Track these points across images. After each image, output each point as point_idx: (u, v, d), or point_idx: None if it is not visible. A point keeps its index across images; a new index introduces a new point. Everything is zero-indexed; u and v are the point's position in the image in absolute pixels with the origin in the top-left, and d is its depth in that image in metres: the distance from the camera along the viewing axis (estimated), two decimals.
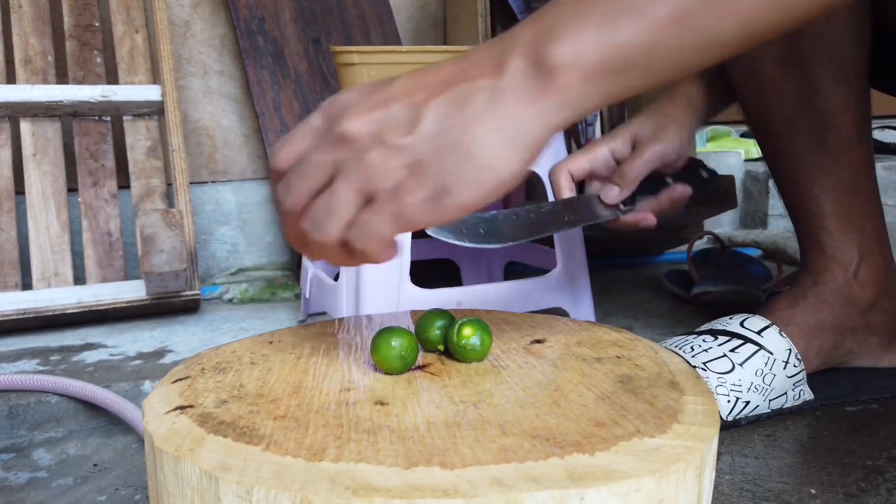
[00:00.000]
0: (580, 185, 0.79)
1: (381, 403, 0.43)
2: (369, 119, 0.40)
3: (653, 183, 0.77)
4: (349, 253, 0.43)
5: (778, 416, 0.73)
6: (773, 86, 0.71)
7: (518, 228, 0.65)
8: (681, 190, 0.77)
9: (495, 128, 0.39)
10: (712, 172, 0.83)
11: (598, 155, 0.77)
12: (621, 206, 0.75)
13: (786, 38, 0.68)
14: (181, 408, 0.42)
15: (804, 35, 0.67)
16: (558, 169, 0.77)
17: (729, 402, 0.68)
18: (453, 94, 0.39)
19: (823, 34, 0.67)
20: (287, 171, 0.43)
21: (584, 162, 0.77)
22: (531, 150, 0.40)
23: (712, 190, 0.81)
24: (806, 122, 0.71)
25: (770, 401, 0.71)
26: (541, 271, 1.03)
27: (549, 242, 1.02)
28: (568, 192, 0.76)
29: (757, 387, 0.69)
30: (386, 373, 0.48)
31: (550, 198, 0.82)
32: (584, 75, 0.39)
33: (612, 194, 0.74)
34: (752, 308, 0.77)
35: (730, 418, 0.69)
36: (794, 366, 0.71)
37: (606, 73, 0.39)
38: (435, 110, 0.39)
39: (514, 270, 1.26)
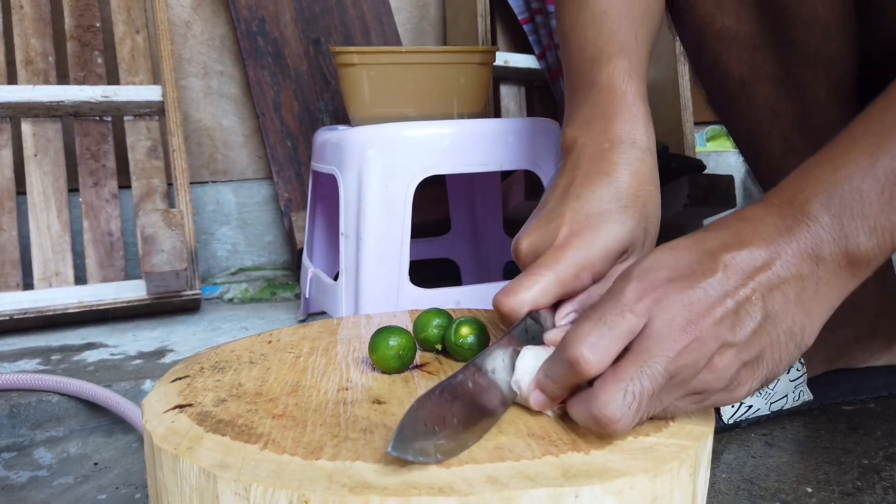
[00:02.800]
0: None
1: (379, 402, 0.43)
2: (714, 321, 0.38)
3: None
4: None
5: (775, 417, 0.73)
6: (766, 106, 0.70)
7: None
8: None
9: (820, 312, 0.41)
10: None
11: (574, 282, 0.48)
12: None
13: (778, 57, 0.66)
14: (180, 406, 0.42)
15: (798, 53, 0.66)
16: (519, 305, 0.47)
17: (732, 406, 0.69)
18: (780, 283, 0.40)
19: (820, 51, 0.66)
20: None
21: (551, 296, 0.48)
22: (825, 321, 0.42)
23: None
24: (803, 140, 0.69)
25: (771, 403, 0.71)
26: None
27: None
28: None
29: (760, 391, 0.70)
30: (384, 372, 0.48)
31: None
32: (888, 254, 0.41)
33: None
34: None
35: (731, 421, 0.69)
36: (797, 369, 0.71)
37: None
38: (771, 304, 0.39)
39: (514, 270, 1.26)
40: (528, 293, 0.46)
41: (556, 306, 0.49)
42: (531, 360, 0.42)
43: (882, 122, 0.41)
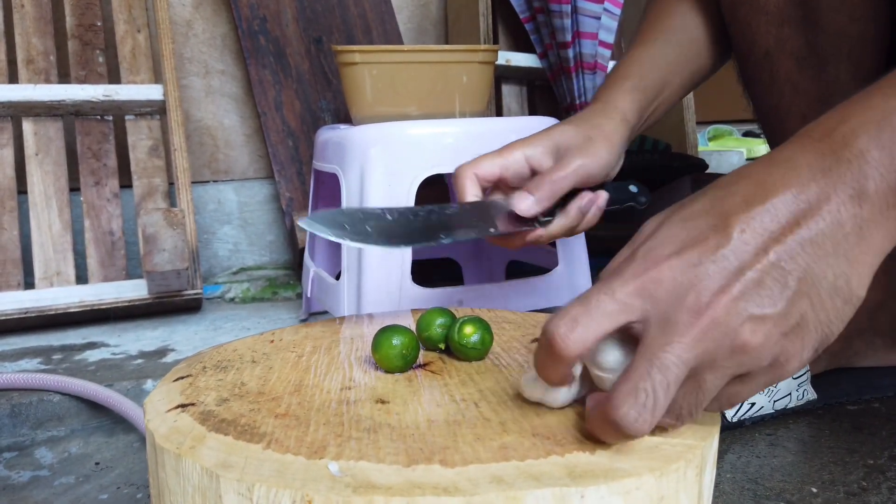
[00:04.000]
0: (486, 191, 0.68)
1: (382, 402, 0.43)
2: (734, 298, 0.34)
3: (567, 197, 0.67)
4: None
5: (780, 416, 0.73)
6: (789, 81, 0.70)
7: (413, 230, 0.57)
8: (589, 199, 0.66)
9: (868, 259, 0.36)
10: (642, 188, 0.72)
11: (511, 160, 0.65)
12: (540, 218, 0.64)
13: (804, 33, 0.67)
14: (182, 406, 0.42)
15: (823, 32, 0.66)
16: (464, 170, 0.65)
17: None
18: (816, 238, 0.35)
19: (844, 31, 0.66)
20: (582, 354, 0.36)
21: (494, 166, 0.65)
22: (876, 267, 0.36)
23: (641, 203, 0.71)
24: None
25: (774, 402, 0.71)
26: (542, 270, 1.03)
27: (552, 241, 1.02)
28: (472, 197, 0.64)
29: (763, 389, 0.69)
30: (387, 371, 0.48)
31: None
32: None
33: (525, 205, 0.62)
34: None
35: (735, 419, 0.69)
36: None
37: None
38: (804, 263, 0.35)
39: (515, 269, 1.26)
40: (473, 166, 0.64)
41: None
42: (614, 353, 0.39)
43: None
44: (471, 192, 0.64)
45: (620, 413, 0.34)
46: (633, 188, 0.71)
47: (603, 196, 0.67)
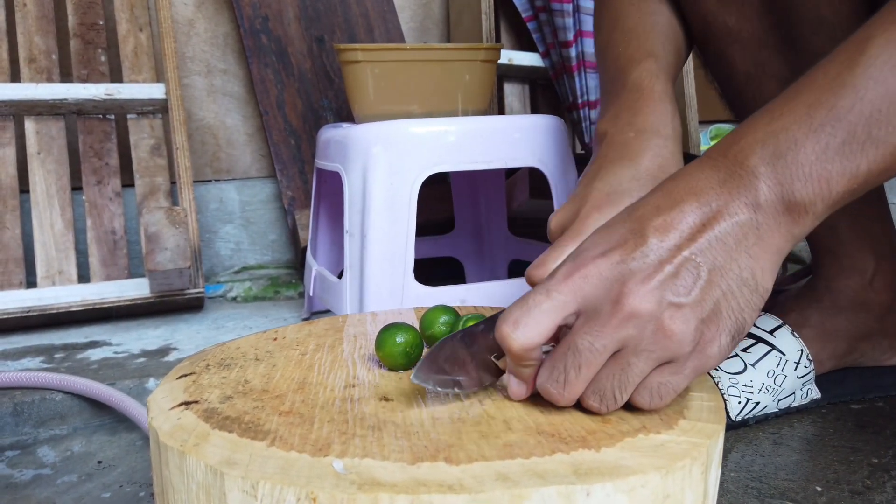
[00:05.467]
0: None
1: (386, 399, 0.43)
2: (652, 288, 0.38)
3: None
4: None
5: (784, 414, 0.73)
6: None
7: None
8: None
9: (768, 256, 0.40)
10: None
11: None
12: None
13: (784, 55, 0.66)
14: (186, 403, 0.42)
15: (805, 52, 0.65)
16: (527, 352, 0.44)
17: (740, 402, 0.68)
18: (720, 236, 0.39)
19: (826, 51, 0.63)
20: (532, 351, 0.40)
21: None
22: (779, 263, 0.41)
23: None
24: None
25: (779, 401, 0.71)
26: None
27: None
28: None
29: (768, 388, 0.69)
30: (390, 369, 0.48)
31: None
32: (831, 204, 0.40)
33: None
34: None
35: (739, 418, 0.69)
36: (805, 366, 0.71)
37: (848, 197, 0.41)
38: (711, 257, 0.39)
39: (517, 268, 1.26)
40: (555, 264, 0.49)
41: None
42: None
43: (826, 75, 0.40)
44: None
45: (540, 383, 0.41)
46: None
47: None
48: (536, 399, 0.42)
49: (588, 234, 0.49)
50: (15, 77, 1.18)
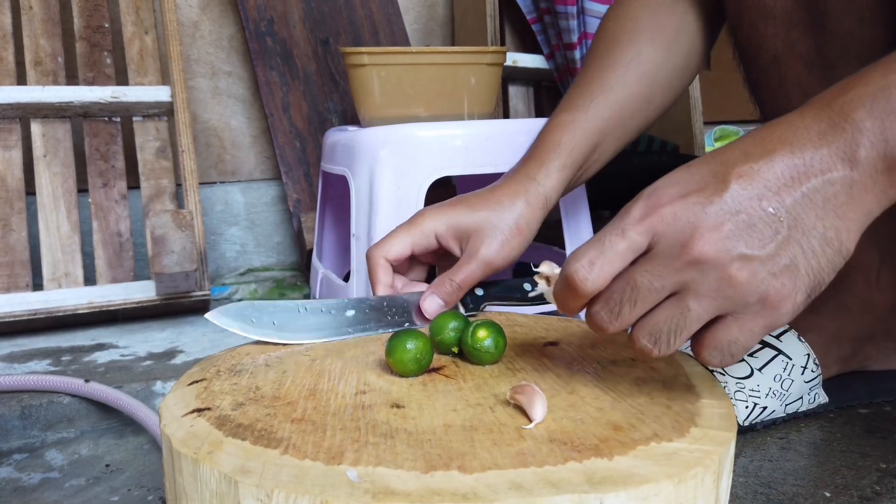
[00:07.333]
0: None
1: (398, 406, 0.43)
2: (724, 236, 0.38)
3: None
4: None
5: (791, 419, 0.73)
6: (797, 85, 0.69)
7: (323, 325, 0.56)
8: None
9: (856, 217, 0.39)
10: (532, 282, 0.63)
11: (419, 238, 0.62)
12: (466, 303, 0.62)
13: (813, 36, 0.66)
14: (198, 410, 0.42)
15: (832, 34, 0.65)
16: (374, 255, 0.61)
17: (747, 407, 0.68)
18: (808, 191, 0.38)
19: (853, 33, 0.65)
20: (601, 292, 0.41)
21: (404, 246, 0.61)
22: (866, 226, 0.40)
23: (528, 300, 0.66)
24: None
25: (786, 405, 0.71)
26: None
27: (560, 243, 1.02)
28: (383, 287, 0.61)
29: (775, 392, 0.69)
30: (401, 375, 0.48)
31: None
32: None
33: (431, 307, 0.58)
34: None
35: (746, 423, 0.69)
36: (812, 371, 0.71)
37: None
38: (795, 214, 0.38)
39: (522, 272, 1.26)
40: (381, 248, 0.61)
41: None
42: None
43: None
44: (383, 280, 0.61)
45: (593, 311, 0.41)
46: (526, 285, 0.64)
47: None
48: (548, 407, 0.42)
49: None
50: (21, 80, 1.18)
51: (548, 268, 0.49)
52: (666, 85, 0.74)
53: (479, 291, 0.63)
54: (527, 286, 0.63)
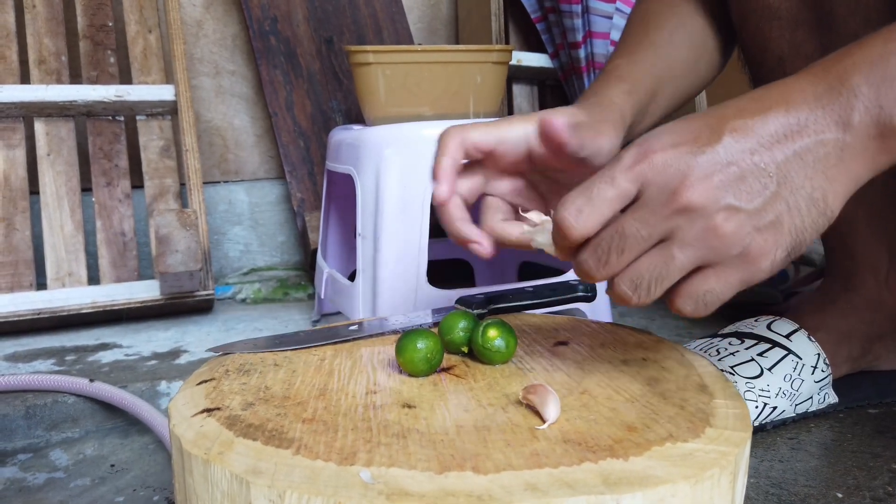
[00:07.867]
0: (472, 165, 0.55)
1: (409, 406, 0.42)
2: (714, 186, 0.38)
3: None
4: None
5: (801, 419, 0.72)
6: None
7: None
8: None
9: (844, 181, 0.39)
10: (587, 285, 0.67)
11: (510, 134, 0.53)
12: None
13: (818, 37, 0.65)
14: (208, 410, 0.41)
15: (838, 34, 0.65)
16: (453, 132, 0.53)
17: (757, 407, 0.68)
18: (800, 150, 0.38)
19: (859, 33, 0.63)
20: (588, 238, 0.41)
21: (489, 136, 0.53)
22: (853, 192, 0.41)
23: (586, 298, 0.66)
24: None
25: (796, 405, 0.70)
26: (555, 272, 1.03)
27: None
28: (449, 161, 0.52)
29: (785, 392, 0.69)
30: (411, 375, 0.47)
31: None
32: None
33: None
34: (770, 309, 0.76)
35: (756, 423, 0.68)
36: (822, 370, 0.70)
37: None
38: (785, 170, 0.38)
39: (528, 271, 1.26)
40: (463, 130, 0.53)
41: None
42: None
43: None
44: (450, 156, 0.52)
45: (580, 258, 0.41)
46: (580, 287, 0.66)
47: None
48: (561, 407, 0.42)
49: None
50: (25, 79, 1.18)
51: (536, 215, 0.49)
52: (708, 56, 0.73)
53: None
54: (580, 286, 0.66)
